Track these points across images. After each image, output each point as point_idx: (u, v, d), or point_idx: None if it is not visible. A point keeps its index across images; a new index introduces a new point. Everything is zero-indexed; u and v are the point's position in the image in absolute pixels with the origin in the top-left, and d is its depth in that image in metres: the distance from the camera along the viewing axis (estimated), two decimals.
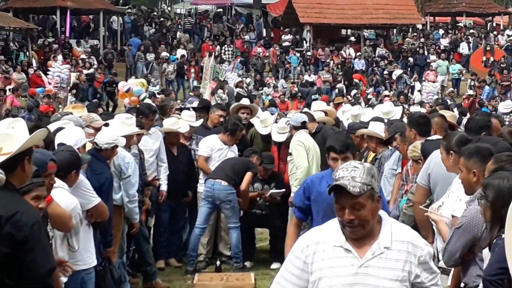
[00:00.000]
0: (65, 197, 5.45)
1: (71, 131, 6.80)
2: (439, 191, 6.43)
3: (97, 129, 8.25)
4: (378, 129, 9.44)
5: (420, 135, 7.53)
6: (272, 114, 12.79)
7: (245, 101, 12.30)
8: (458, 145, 5.85)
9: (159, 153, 10.34)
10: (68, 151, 5.72)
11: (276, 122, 11.55)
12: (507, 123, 12.81)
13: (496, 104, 26.82)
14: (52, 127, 7.20)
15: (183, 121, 10.81)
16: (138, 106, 12.42)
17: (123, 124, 8.57)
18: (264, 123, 11.43)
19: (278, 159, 11.10)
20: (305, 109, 13.26)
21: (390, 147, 9.05)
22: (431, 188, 6.63)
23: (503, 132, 7.21)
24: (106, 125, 8.54)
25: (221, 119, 11.20)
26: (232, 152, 10.75)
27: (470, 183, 5.26)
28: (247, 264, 10.82)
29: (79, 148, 6.58)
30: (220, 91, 24.47)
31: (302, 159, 9.98)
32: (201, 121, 11.19)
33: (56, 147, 6.35)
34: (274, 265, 10.67)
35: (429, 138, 7.36)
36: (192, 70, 33.61)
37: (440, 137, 7.08)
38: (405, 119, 10.56)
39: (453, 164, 5.92)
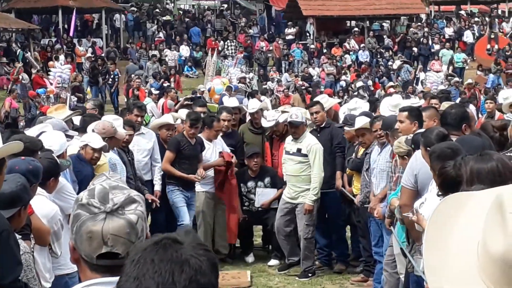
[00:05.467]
0: (44, 205, 5.41)
1: (54, 136, 6.75)
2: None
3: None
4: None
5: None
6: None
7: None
8: (436, 141, 5.74)
9: (153, 153, 10.32)
10: (46, 159, 5.67)
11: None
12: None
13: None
14: (32, 131, 7.15)
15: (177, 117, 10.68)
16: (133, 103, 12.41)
17: None
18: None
19: (271, 154, 11.04)
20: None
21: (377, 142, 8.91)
22: (419, 189, 6.32)
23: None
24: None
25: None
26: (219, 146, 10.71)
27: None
28: (249, 259, 10.85)
29: (62, 153, 6.55)
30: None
31: (321, 167, 9.78)
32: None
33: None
34: (272, 262, 10.64)
35: (418, 131, 7.19)
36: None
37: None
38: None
39: None
